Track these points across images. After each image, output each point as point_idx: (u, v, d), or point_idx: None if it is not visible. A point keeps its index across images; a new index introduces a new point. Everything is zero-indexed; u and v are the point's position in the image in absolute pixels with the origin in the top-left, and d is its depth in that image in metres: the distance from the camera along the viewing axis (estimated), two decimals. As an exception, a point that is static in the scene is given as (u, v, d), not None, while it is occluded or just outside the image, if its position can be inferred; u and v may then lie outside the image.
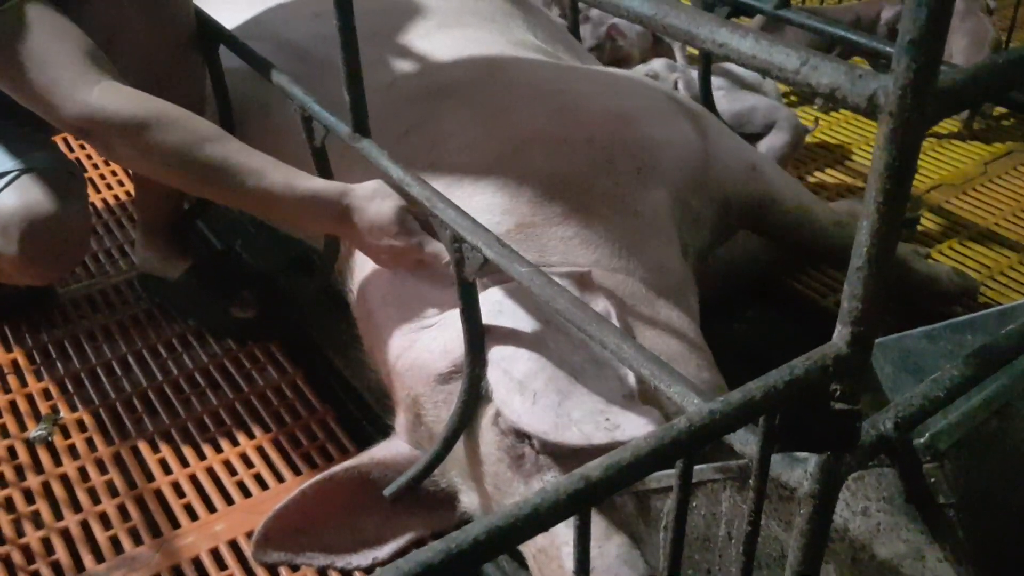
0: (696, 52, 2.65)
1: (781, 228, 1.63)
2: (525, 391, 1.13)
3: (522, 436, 1.17)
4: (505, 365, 1.16)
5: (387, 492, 1.29)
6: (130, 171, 2.19)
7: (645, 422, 1.08)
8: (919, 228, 2.05)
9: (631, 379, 1.17)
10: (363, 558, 1.35)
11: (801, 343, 1.82)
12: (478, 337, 1.17)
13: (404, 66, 1.62)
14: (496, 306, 1.21)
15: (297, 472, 1.53)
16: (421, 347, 1.28)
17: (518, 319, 1.20)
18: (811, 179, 2.27)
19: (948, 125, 2.48)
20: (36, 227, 1.43)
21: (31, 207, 1.44)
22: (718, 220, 1.52)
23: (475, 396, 1.19)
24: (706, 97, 1.88)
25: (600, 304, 1.23)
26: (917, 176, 2.29)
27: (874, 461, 0.77)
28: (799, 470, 0.72)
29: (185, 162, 1.30)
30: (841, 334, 0.63)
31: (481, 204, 1.33)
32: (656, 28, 0.69)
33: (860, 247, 0.60)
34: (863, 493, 0.81)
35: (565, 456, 1.15)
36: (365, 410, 1.62)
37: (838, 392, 0.65)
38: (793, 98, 2.63)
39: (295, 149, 1.54)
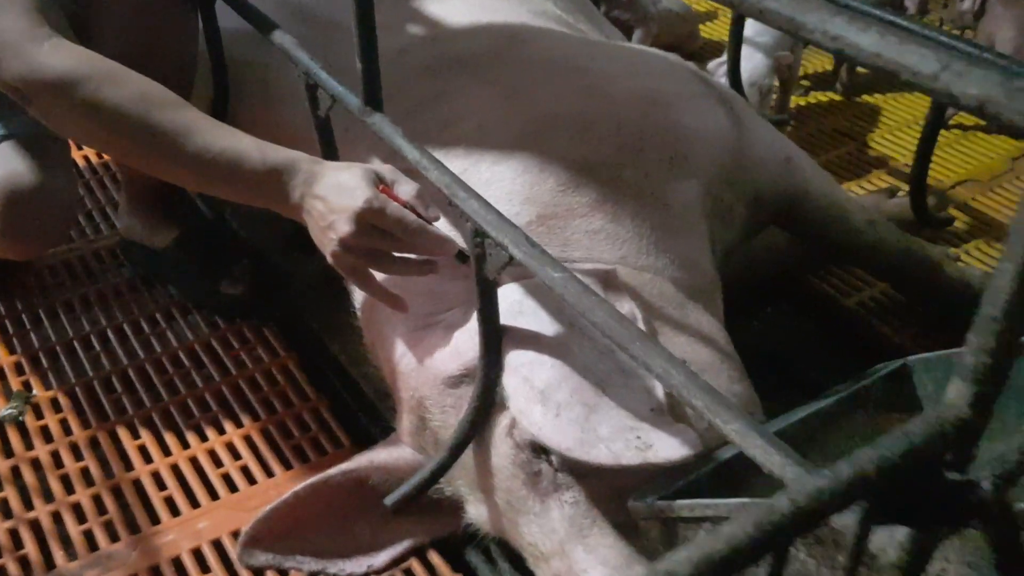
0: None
1: (812, 225, 1.53)
2: (547, 402, 1.03)
3: (539, 451, 1.07)
4: (525, 372, 1.05)
5: (388, 502, 1.19)
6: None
7: (678, 443, 0.98)
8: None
9: (659, 391, 1.07)
10: (357, 565, 1.26)
11: (821, 344, 1.73)
12: (495, 339, 1.07)
13: (416, 32, 1.50)
14: (515, 306, 1.11)
15: (287, 466, 1.42)
16: (429, 346, 1.17)
17: (540, 321, 1.09)
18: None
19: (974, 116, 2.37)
20: (17, 201, 1.32)
21: (12, 179, 1.32)
22: (749, 215, 1.42)
23: (488, 403, 1.09)
24: (735, 81, 1.77)
25: (626, 306, 1.13)
26: (941, 170, 2.21)
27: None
28: (883, 535, 0.62)
29: (130, 123, 1.13)
30: (961, 393, 0.53)
31: (500, 192, 1.23)
32: (750, 12, 0.58)
33: (998, 293, 0.50)
34: (942, 554, 0.71)
35: (586, 475, 1.05)
36: (361, 401, 1.52)
37: (949, 459, 0.55)
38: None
39: (295, 119, 1.43)
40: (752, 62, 2.00)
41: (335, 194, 1.11)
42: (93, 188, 2.04)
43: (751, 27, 2.03)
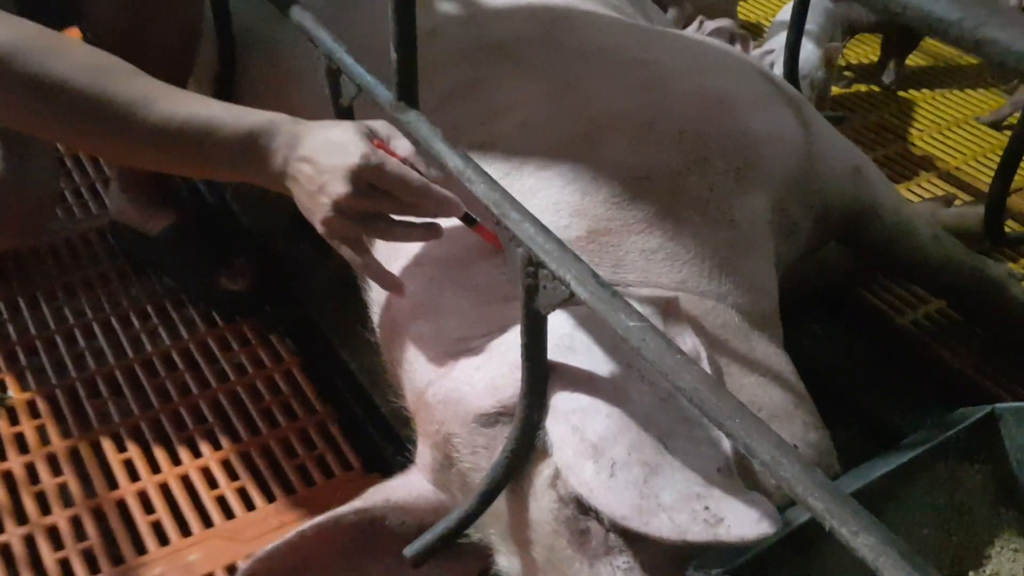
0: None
1: (878, 242, 1.39)
2: (601, 458, 0.88)
3: (586, 508, 0.93)
4: (576, 420, 0.91)
5: (408, 552, 1.04)
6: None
7: (754, 517, 0.84)
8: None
9: (726, 444, 0.93)
10: (367, 611, 1.12)
11: (873, 365, 1.60)
12: (541, 378, 0.92)
13: (448, 11, 1.34)
14: (565, 340, 0.96)
15: (290, 491, 1.28)
16: (460, 377, 1.03)
17: (593, 359, 0.94)
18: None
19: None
20: None
21: None
22: (814, 231, 1.27)
23: (527, 448, 0.95)
24: (792, 74, 1.61)
25: (688, 341, 0.98)
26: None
27: None
28: None
29: (81, 96, 0.98)
30: None
31: (546, 201, 1.08)
32: (965, 44, 0.43)
33: None
34: None
35: (642, 537, 0.91)
36: (374, 416, 1.38)
37: None
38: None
39: (308, 100, 1.28)
40: (803, 52, 1.84)
41: (325, 152, 0.97)
42: (83, 162, 1.88)
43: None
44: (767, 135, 1.18)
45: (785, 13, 2.04)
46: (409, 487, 1.12)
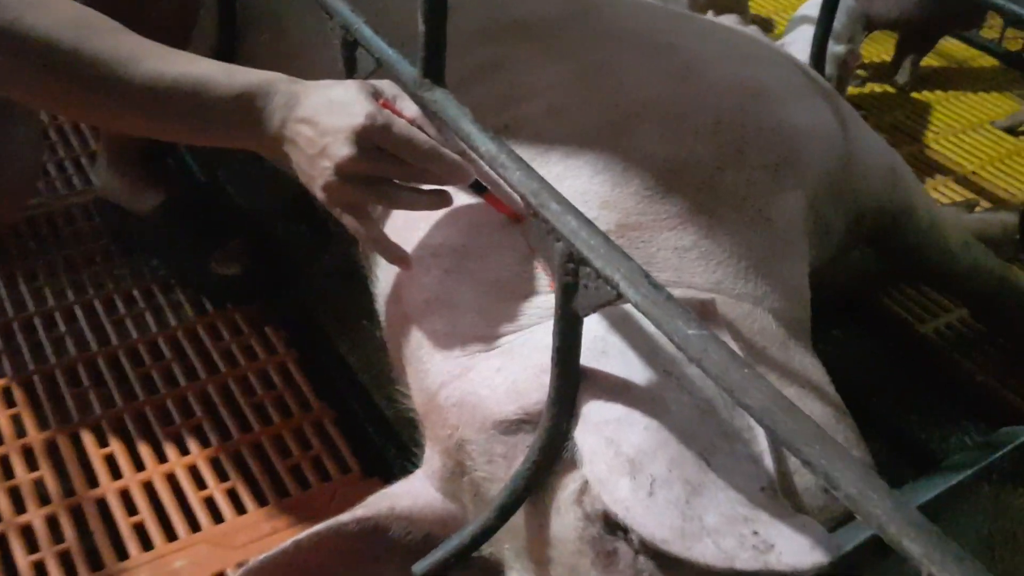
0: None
1: (907, 246, 1.33)
2: (639, 474, 0.81)
3: (615, 527, 0.86)
4: (611, 431, 0.83)
5: (418, 570, 0.97)
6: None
7: (807, 545, 0.77)
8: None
9: (768, 462, 0.86)
10: (367, 626, 1.04)
11: (892, 372, 1.54)
12: (571, 384, 0.84)
13: (471, -15, 1.25)
14: (598, 343, 0.88)
15: (283, 493, 1.20)
16: (478, 379, 0.95)
17: (629, 366, 0.87)
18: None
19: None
20: None
21: None
22: (846, 233, 1.21)
23: (551, 460, 0.88)
24: (818, 69, 1.54)
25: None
26: (1014, 182, 2.00)
27: None
28: None
29: (62, 53, 0.90)
30: None
31: (573, 191, 1.00)
32: None
33: None
34: None
35: (675, 562, 0.84)
36: (374, 414, 1.30)
37: None
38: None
39: (318, 76, 1.20)
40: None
41: (327, 113, 0.90)
42: (67, 133, 1.78)
43: (812, 8, 1.80)
44: (806, 129, 1.11)
45: (807, 8, 1.97)
46: (415, 495, 1.04)
